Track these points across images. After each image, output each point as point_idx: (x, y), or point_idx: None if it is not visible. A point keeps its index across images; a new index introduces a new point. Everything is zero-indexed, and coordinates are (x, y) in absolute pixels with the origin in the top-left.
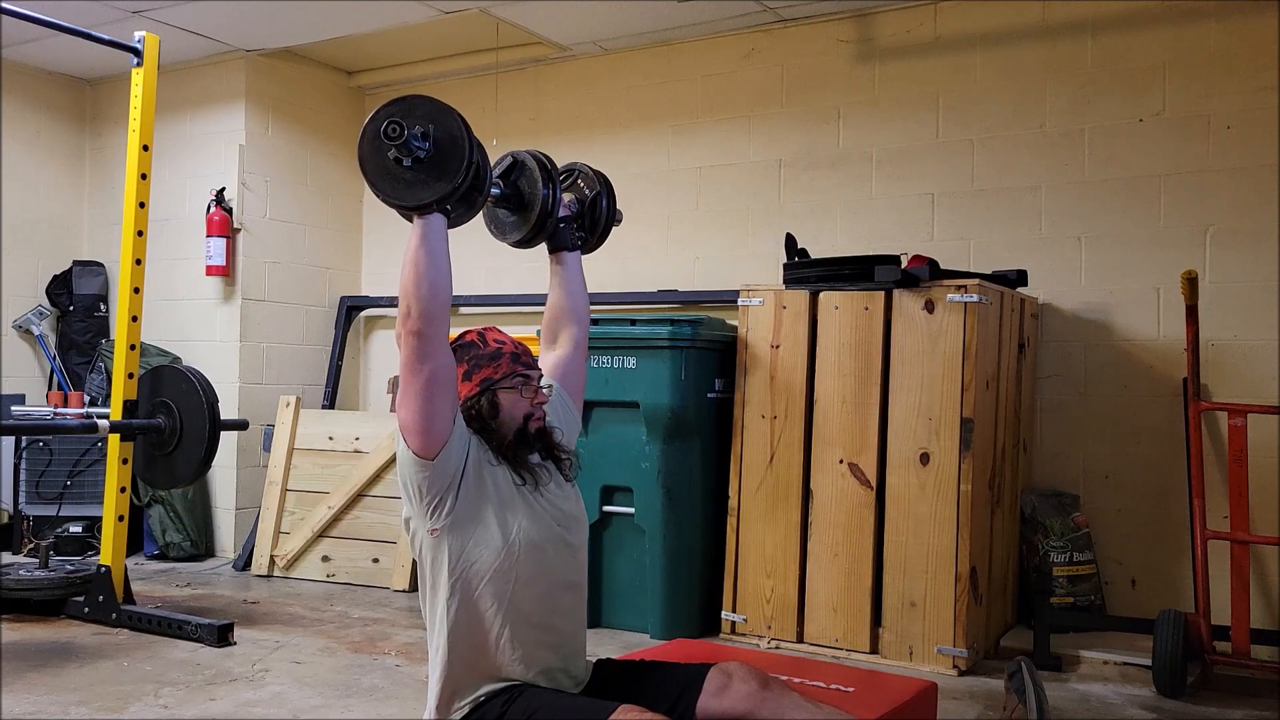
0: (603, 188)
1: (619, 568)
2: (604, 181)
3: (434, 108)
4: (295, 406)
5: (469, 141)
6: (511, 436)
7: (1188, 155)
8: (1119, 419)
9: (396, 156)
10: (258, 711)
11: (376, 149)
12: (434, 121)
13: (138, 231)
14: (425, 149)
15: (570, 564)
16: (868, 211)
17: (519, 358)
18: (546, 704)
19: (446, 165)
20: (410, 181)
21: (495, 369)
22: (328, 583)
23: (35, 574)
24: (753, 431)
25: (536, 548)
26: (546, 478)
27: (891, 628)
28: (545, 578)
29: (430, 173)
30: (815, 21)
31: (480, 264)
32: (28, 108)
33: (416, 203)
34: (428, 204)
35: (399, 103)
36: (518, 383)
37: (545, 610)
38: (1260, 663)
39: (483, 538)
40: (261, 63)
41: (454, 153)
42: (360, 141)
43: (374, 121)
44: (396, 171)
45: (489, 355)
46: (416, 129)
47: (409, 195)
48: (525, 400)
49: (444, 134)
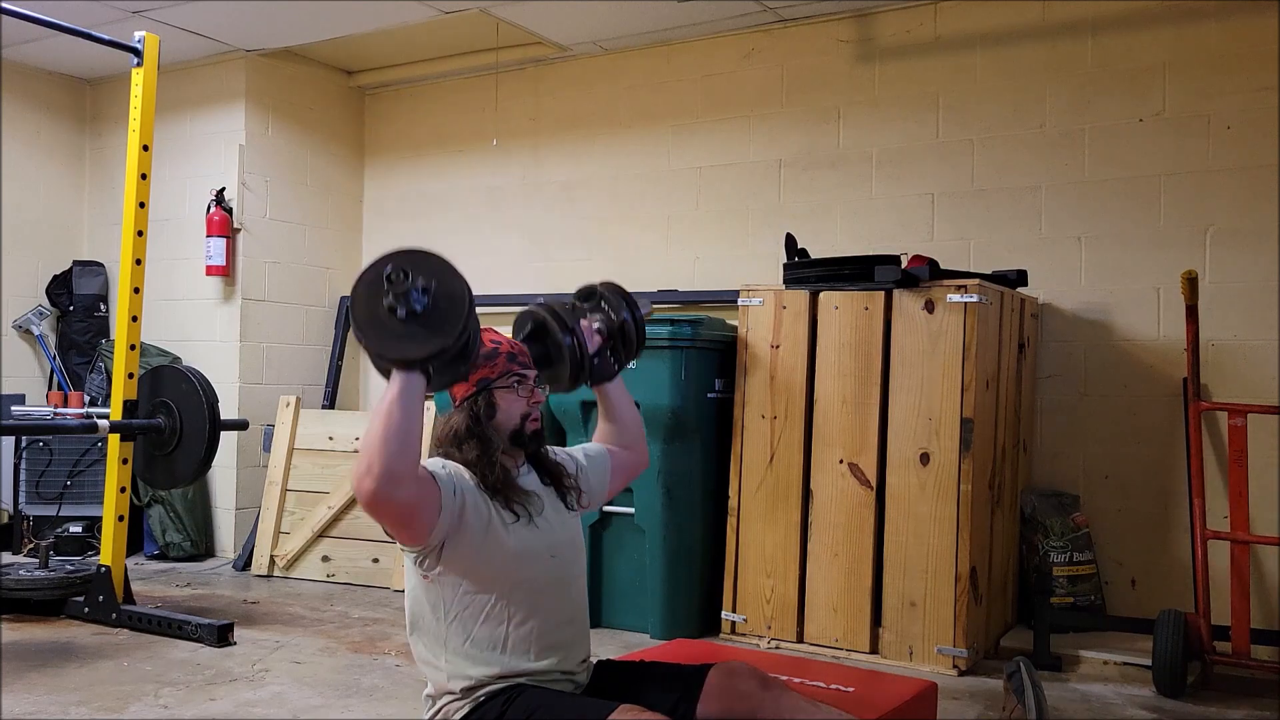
0: (627, 306)
1: (619, 568)
2: (626, 298)
3: (440, 266)
4: (295, 406)
5: (469, 305)
6: (506, 437)
7: (1188, 155)
8: (1119, 419)
9: (391, 305)
10: (258, 711)
11: (372, 293)
12: (437, 277)
13: (138, 231)
14: (423, 303)
15: (566, 596)
16: (868, 211)
17: (515, 357)
18: (546, 704)
19: (442, 323)
20: (400, 335)
21: (492, 368)
22: (328, 583)
23: (35, 574)
24: (753, 431)
25: (532, 589)
26: (540, 505)
27: (891, 628)
28: (541, 614)
29: (424, 328)
30: (815, 21)
31: (479, 264)
32: (28, 108)
33: (402, 357)
34: (414, 361)
35: (406, 254)
36: (514, 382)
37: (542, 646)
38: (1260, 663)
39: (475, 583)
40: (261, 63)
41: (451, 312)
42: (356, 284)
43: (376, 266)
44: (388, 322)
45: (485, 355)
46: (419, 281)
47: (396, 348)
48: (522, 400)
49: (445, 292)
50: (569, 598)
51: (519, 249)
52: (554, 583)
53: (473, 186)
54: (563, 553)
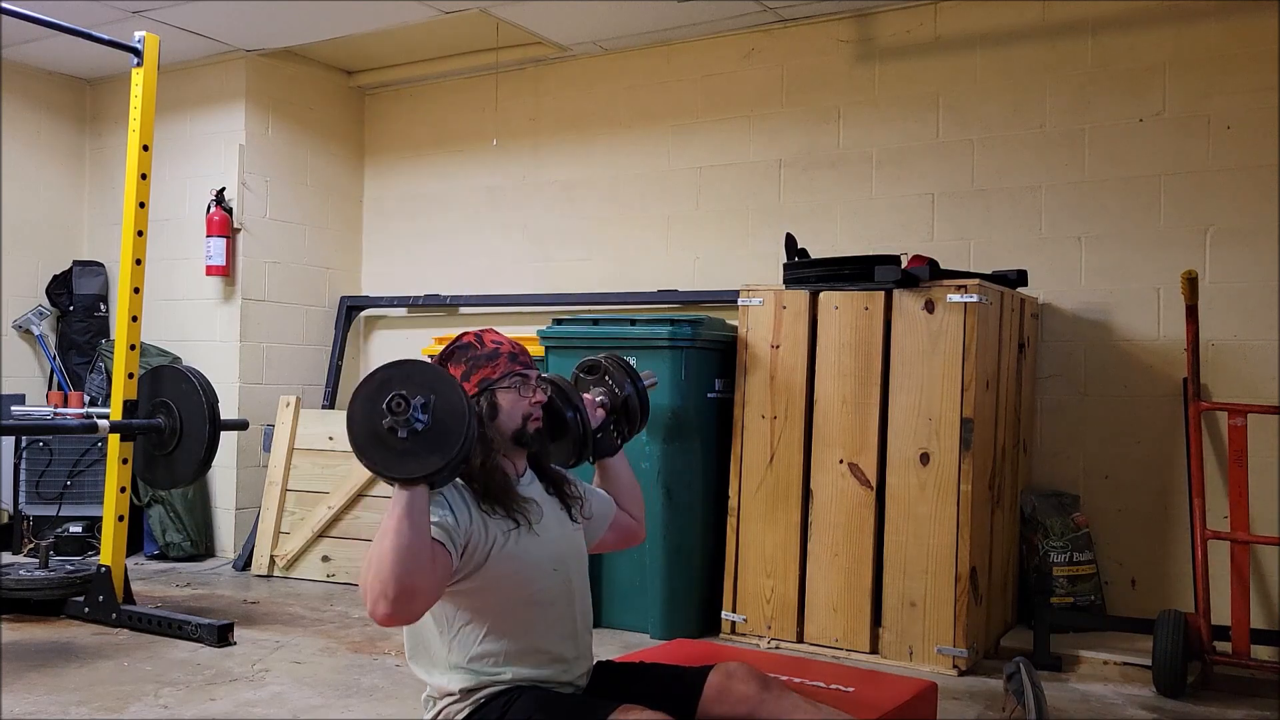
0: (630, 380)
1: (619, 568)
2: (629, 371)
3: (434, 376)
4: (295, 406)
5: (469, 414)
6: (509, 437)
7: (1188, 155)
8: (1119, 419)
9: (392, 426)
10: (258, 711)
11: (370, 414)
12: (435, 391)
13: (138, 231)
14: (424, 422)
15: (569, 613)
16: (868, 211)
17: (516, 357)
18: (546, 705)
19: (444, 438)
20: (402, 453)
21: (493, 369)
22: (328, 583)
23: (35, 574)
24: (753, 431)
25: (535, 603)
26: (540, 514)
27: (891, 628)
28: (544, 629)
29: (426, 445)
30: (815, 21)
31: (479, 264)
32: (28, 108)
33: (407, 475)
34: (419, 478)
35: (398, 367)
36: (515, 382)
37: (545, 660)
38: (1260, 663)
39: (478, 601)
40: (261, 63)
41: (453, 426)
42: (352, 402)
43: (369, 385)
44: (389, 440)
45: (486, 355)
46: (418, 399)
47: (399, 467)
48: (524, 400)
49: (444, 405)
50: (572, 613)
51: (519, 249)
52: (558, 598)
53: (473, 186)
54: (565, 565)
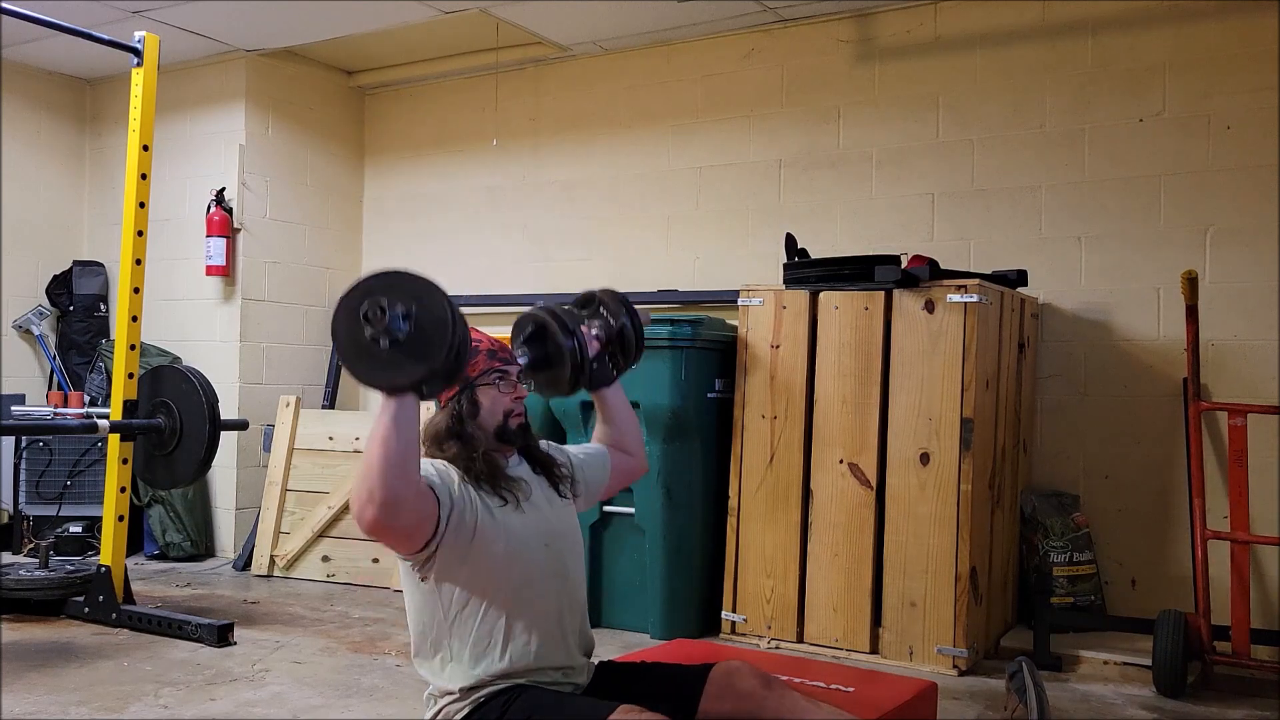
0: (625, 312)
1: (619, 568)
2: (623, 303)
3: (418, 285)
4: (295, 406)
5: (453, 321)
6: (491, 433)
7: (1188, 155)
8: (1119, 419)
9: (374, 336)
10: (258, 711)
11: (352, 325)
12: (418, 300)
13: (138, 231)
14: (405, 330)
15: (563, 589)
16: (868, 211)
17: (495, 354)
18: (547, 704)
19: (427, 347)
20: (386, 362)
21: (472, 367)
22: (328, 583)
23: (35, 574)
24: (753, 431)
25: (527, 580)
26: (529, 491)
27: (891, 628)
28: (538, 603)
29: (409, 354)
30: (815, 21)
31: (479, 264)
32: (28, 108)
33: (391, 385)
34: (403, 387)
35: (381, 277)
36: (495, 379)
37: (542, 633)
38: (1260, 663)
39: (469, 574)
40: (261, 63)
41: (436, 335)
42: (335, 313)
43: (352, 296)
44: (372, 350)
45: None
46: (399, 308)
47: (383, 377)
48: (505, 396)
49: (427, 314)
50: (567, 588)
51: (519, 249)
52: (550, 573)
53: (473, 186)
54: (557, 542)
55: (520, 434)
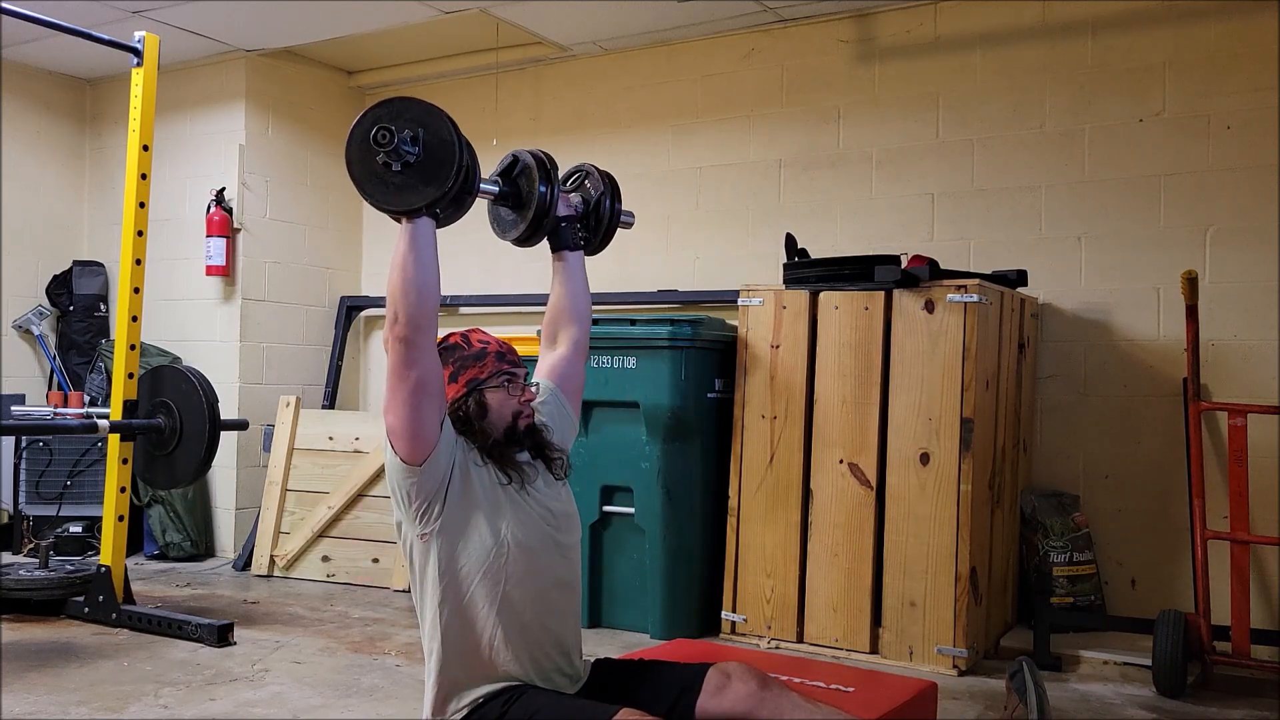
0: (608, 189)
1: (619, 568)
2: (610, 183)
3: (423, 110)
4: (295, 406)
5: (459, 144)
6: (500, 435)
7: (1188, 155)
8: (1119, 419)
9: (385, 161)
10: (258, 711)
11: (364, 153)
12: (424, 125)
13: (138, 231)
14: (415, 153)
15: (561, 563)
16: (868, 211)
17: (504, 356)
18: (546, 705)
19: (437, 169)
20: (399, 186)
21: (481, 369)
22: (328, 583)
23: (35, 574)
24: (753, 431)
25: (526, 548)
26: (534, 475)
27: (891, 628)
28: (536, 578)
29: (420, 177)
30: (815, 21)
31: (479, 264)
32: (28, 108)
33: (406, 207)
34: (417, 208)
35: (387, 105)
36: (504, 381)
37: (537, 610)
38: (1260, 663)
39: (472, 540)
40: (261, 63)
41: (444, 156)
42: (348, 144)
43: (362, 125)
44: (385, 175)
45: (474, 356)
46: (406, 133)
47: (398, 200)
48: (513, 399)
49: (434, 137)
50: (564, 562)
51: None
52: (549, 545)
53: None
54: (557, 521)
55: (530, 434)
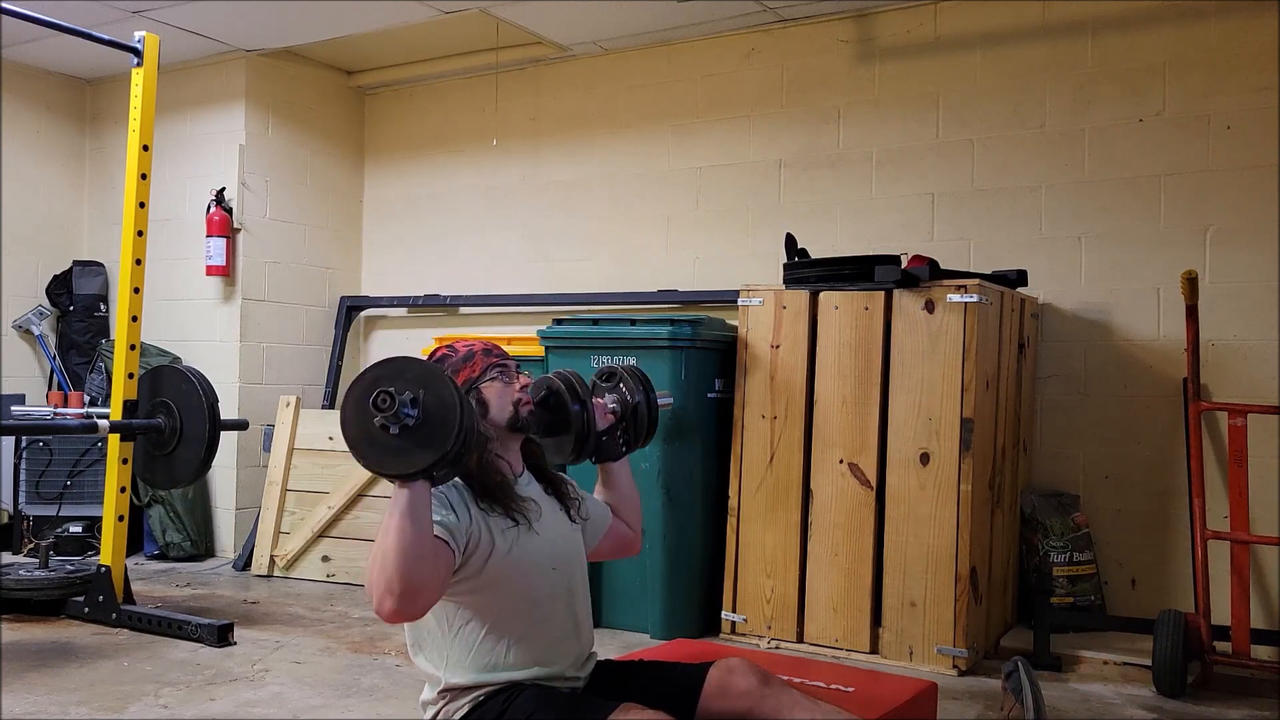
0: (642, 391)
1: (619, 568)
2: (642, 381)
3: (424, 371)
4: (295, 406)
5: (461, 406)
6: (505, 425)
7: (1188, 155)
8: (1119, 419)
9: (383, 424)
10: (258, 711)
11: (362, 415)
12: (424, 386)
13: (138, 231)
14: (414, 416)
15: (569, 611)
16: (868, 211)
17: (490, 352)
18: (545, 704)
19: (437, 432)
20: (397, 450)
21: (472, 368)
22: (328, 583)
23: (35, 574)
24: (753, 431)
25: (534, 601)
26: (539, 512)
27: (891, 628)
28: (543, 625)
29: (418, 441)
30: (815, 21)
31: (479, 264)
32: (28, 108)
33: (404, 471)
34: (415, 474)
35: (387, 365)
36: (497, 374)
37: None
38: (1260, 663)
39: (478, 600)
40: (261, 63)
41: (445, 420)
42: (344, 404)
43: (360, 385)
44: (382, 439)
45: (463, 358)
46: (406, 395)
47: (395, 464)
48: (510, 388)
49: (434, 400)
50: (572, 611)
51: (519, 249)
52: (557, 596)
53: (473, 186)
54: (564, 565)
55: (532, 419)
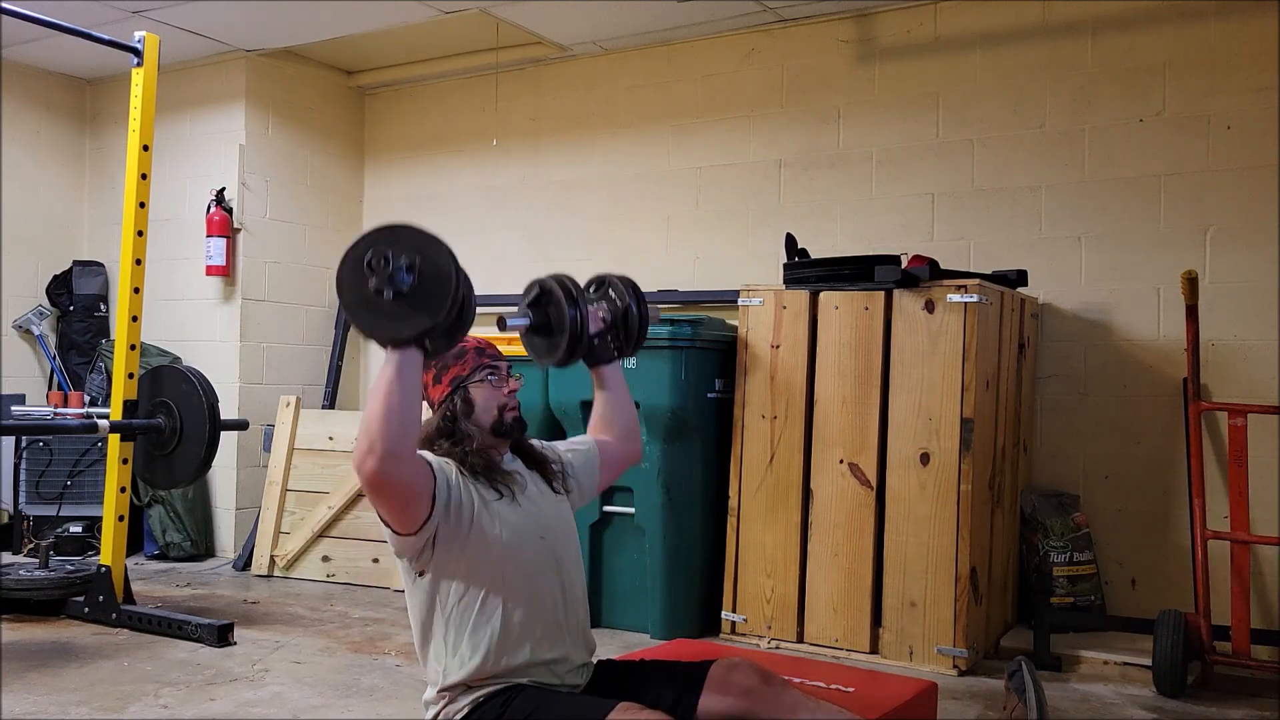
0: (633, 296)
1: (619, 568)
2: (633, 289)
3: (422, 239)
4: (295, 406)
5: (457, 277)
6: (488, 429)
7: (1188, 155)
8: (1119, 419)
9: (378, 287)
10: (258, 711)
11: (357, 277)
12: (421, 253)
13: (138, 231)
14: (409, 282)
15: (558, 581)
16: (868, 211)
17: (484, 351)
18: (545, 704)
19: (431, 300)
20: (390, 314)
21: (463, 366)
22: (328, 583)
23: (35, 574)
24: (753, 431)
25: (523, 571)
26: (524, 484)
27: (891, 628)
28: (535, 595)
29: (413, 307)
30: (815, 21)
31: (480, 263)
32: (28, 108)
33: (395, 336)
34: (406, 339)
35: (386, 230)
36: (486, 375)
37: (539, 627)
38: (1260, 663)
39: (467, 569)
40: (261, 63)
41: (439, 288)
42: (340, 266)
43: (357, 248)
44: (376, 302)
45: (454, 355)
46: (402, 260)
47: (388, 328)
48: (498, 391)
49: (430, 267)
50: (564, 581)
51: (519, 249)
52: (546, 565)
53: (473, 186)
54: (553, 534)
55: (516, 427)
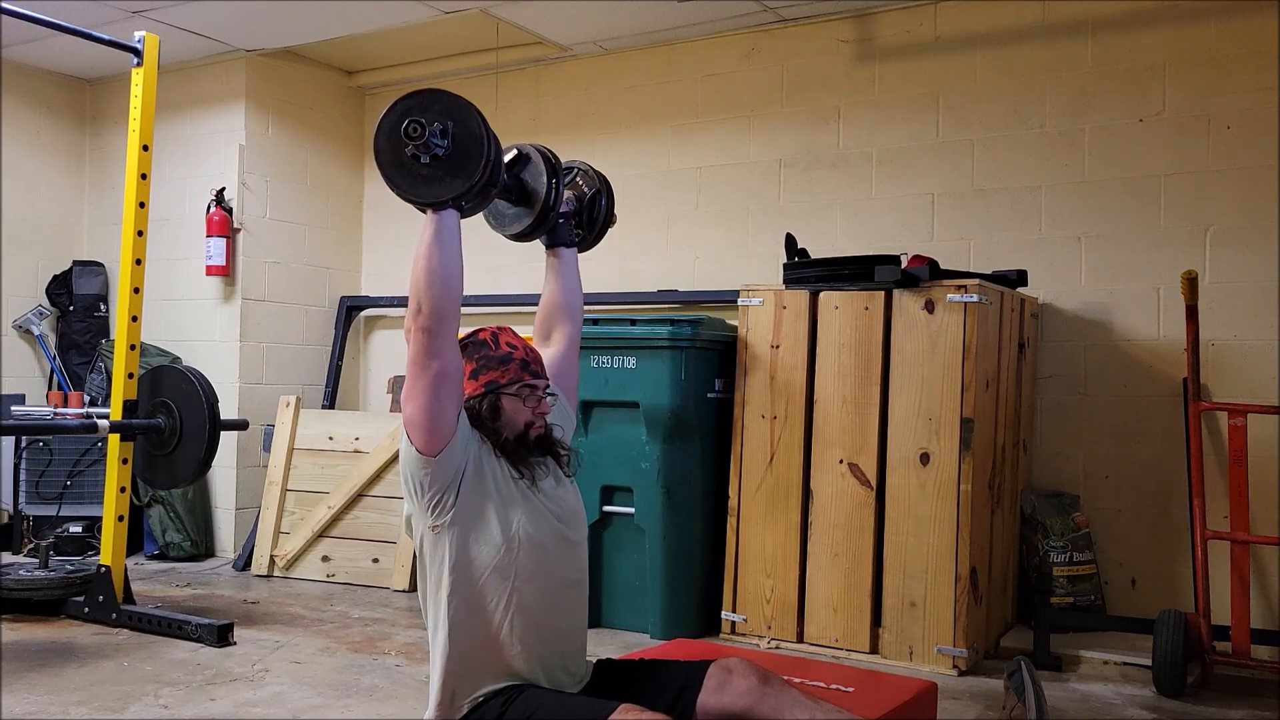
0: (602, 186)
1: (619, 568)
2: (603, 180)
3: (452, 103)
4: (295, 406)
5: (487, 138)
6: (511, 439)
7: (1188, 155)
8: (1119, 419)
9: (414, 153)
10: (258, 711)
11: (393, 144)
12: (453, 118)
13: (138, 231)
14: (444, 146)
15: (570, 561)
16: (868, 211)
17: (528, 365)
18: (546, 704)
19: (465, 163)
20: (427, 178)
21: (503, 374)
22: (328, 583)
23: (35, 574)
24: (753, 431)
25: (536, 544)
26: (544, 473)
27: (891, 628)
28: (545, 574)
29: (448, 170)
30: (815, 21)
31: (482, 263)
32: (28, 108)
33: (434, 199)
34: (444, 201)
35: (417, 96)
36: (523, 391)
37: (546, 607)
38: (1260, 663)
39: (483, 534)
40: (261, 63)
41: (472, 150)
42: (376, 134)
43: (391, 116)
44: (413, 167)
45: (499, 359)
46: (436, 126)
47: (425, 191)
48: (528, 409)
49: (462, 130)
50: (573, 560)
51: (520, 249)
52: (559, 542)
53: None
54: (568, 518)
55: (540, 444)
